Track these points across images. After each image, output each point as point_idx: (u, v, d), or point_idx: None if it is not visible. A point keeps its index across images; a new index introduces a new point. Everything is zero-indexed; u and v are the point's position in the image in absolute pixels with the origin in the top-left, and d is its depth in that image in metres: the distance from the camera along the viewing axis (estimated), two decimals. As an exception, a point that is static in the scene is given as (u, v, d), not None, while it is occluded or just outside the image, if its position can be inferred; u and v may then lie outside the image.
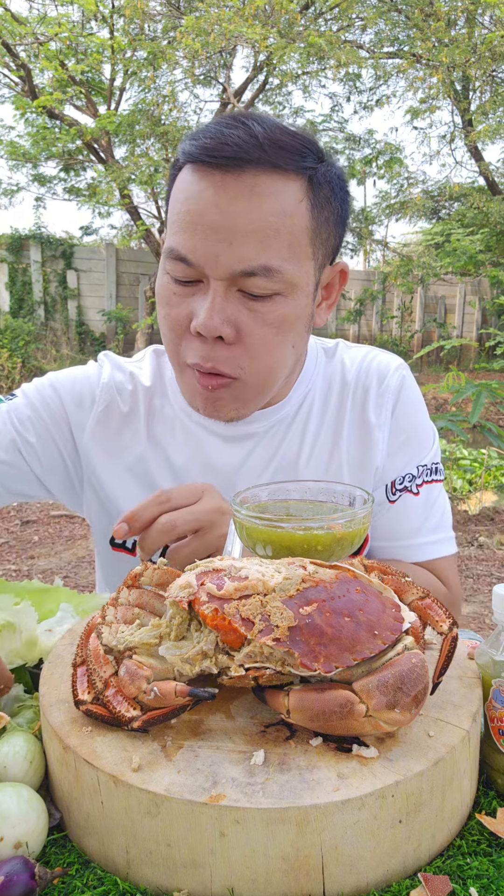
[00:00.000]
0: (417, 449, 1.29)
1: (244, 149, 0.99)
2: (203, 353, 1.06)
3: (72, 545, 4.94)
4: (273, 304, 1.05)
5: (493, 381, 5.20)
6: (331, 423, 1.27)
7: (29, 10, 12.11)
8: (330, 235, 1.10)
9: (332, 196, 1.08)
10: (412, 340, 15.14)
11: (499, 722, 0.75)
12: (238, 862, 0.61)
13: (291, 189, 1.02)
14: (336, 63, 9.50)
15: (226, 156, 0.99)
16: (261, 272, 1.01)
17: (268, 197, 1.00)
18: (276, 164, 1.00)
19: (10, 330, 11.85)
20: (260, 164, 1.00)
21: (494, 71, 10.24)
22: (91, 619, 0.81)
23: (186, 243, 1.02)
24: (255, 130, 1.00)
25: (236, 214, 0.99)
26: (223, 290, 1.03)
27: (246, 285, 1.02)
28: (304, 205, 1.04)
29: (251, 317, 1.04)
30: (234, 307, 1.04)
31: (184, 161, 1.05)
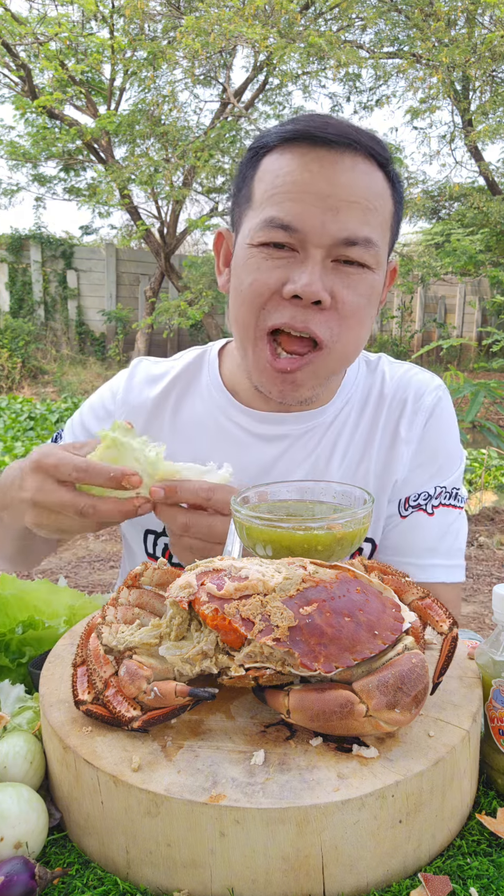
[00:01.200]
0: (439, 470, 1.29)
1: (346, 132, 1.07)
2: (296, 314, 1.08)
3: (72, 545, 4.94)
4: (364, 276, 1.10)
5: (491, 381, 5.19)
6: (363, 434, 1.29)
7: (29, 10, 12.10)
8: (395, 231, 1.18)
9: (400, 194, 1.17)
10: (412, 340, 15.14)
11: (499, 722, 0.75)
12: (238, 862, 0.61)
13: (380, 177, 1.11)
14: (336, 63, 9.50)
15: (332, 133, 1.06)
16: (362, 242, 1.07)
17: (367, 175, 1.08)
18: (369, 150, 1.09)
19: (10, 330, 11.86)
20: (358, 148, 1.08)
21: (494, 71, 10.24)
22: (91, 619, 0.81)
23: (292, 210, 1.06)
24: (345, 121, 1.11)
25: (342, 186, 1.06)
26: (321, 258, 1.07)
27: (345, 253, 1.08)
28: (388, 193, 1.12)
29: (345, 286, 1.09)
30: (331, 275, 1.09)
31: (276, 144, 1.10)
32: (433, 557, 1.28)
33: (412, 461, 1.27)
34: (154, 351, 12.73)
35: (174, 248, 12.25)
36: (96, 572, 4.44)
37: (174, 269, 12.17)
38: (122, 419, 1.31)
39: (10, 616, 1.05)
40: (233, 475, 1.04)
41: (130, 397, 1.34)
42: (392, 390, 1.30)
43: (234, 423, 1.28)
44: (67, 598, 1.11)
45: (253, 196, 1.13)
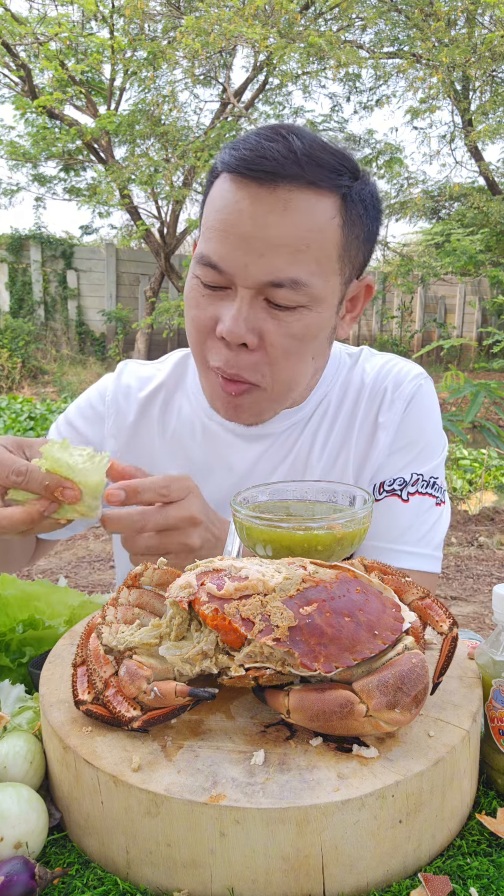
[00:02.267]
0: (417, 457, 1.28)
1: (281, 164, 1.01)
2: (227, 359, 1.08)
3: (72, 545, 4.94)
4: (297, 316, 1.07)
5: (491, 381, 5.20)
6: (343, 425, 1.30)
7: (29, 10, 12.11)
8: (359, 252, 1.13)
9: (364, 214, 1.10)
10: (412, 340, 15.15)
11: (499, 722, 0.75)
12: (238, 862, 0.61)
13: (324, 206, 1.04)
14: (336, 63, 9.50)
15: (263, 169, 1.01)
16: (288, 284, 1.03)
17: (301, 212, 1.03)
18: (311, 181, 1.03)
19: (10, 330, 11.86)
20: (295, 179, 1.02)
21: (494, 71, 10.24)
22: (91, 619, 0.81)
23: (218, 250, 1.04)
24: (295, 145, 1.02)
25: (268, 227, 1.02)
26: (249, 298, 1.05)
27: (272, 295, 1.05)
28: (335, 221, 1.06)
29: (275, 325, 1.07)
30: (260, 315, 1.06)
31: (221, 170, 1.08)
32: (403, 544, 1.26)
33: (390, 447, 1.27)
34: (154, 350, 12.72)
35: (174, 248, 12.26)
36: (96, 572, 4.44)
37: (174, 269, 12.17)
38: (110, 420, 1.34)
39: (10, 616, 1.05)
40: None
41: (119, 398, 1.35)
42: (371, 381, 1.30)
43: (219, 424, 1.29)
44: (67, 598, 1.11)
45: (202, 219, 1.12)
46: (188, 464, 1.29)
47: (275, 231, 1.02)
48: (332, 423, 1.30)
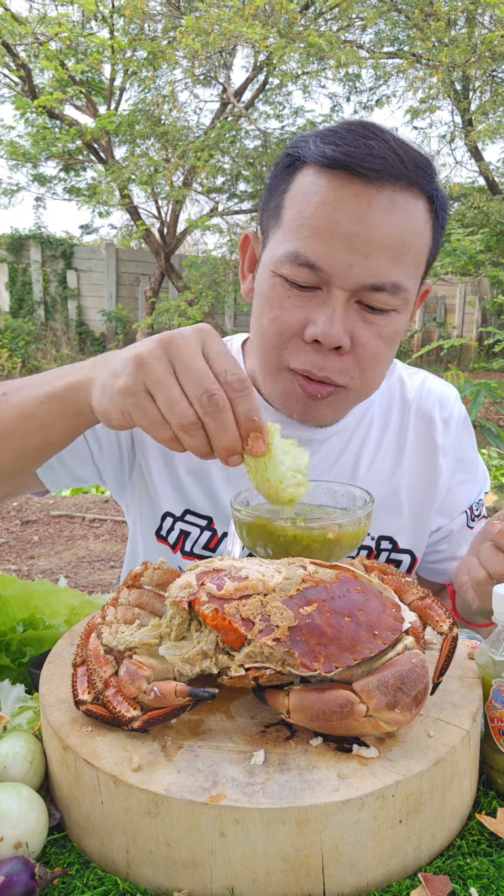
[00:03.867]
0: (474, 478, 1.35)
1: (391, 163, 0.99)
2: (316, 362, 1.05)
3: (72, 545, 4.94)
4: (389, 319, 1.06)
5: (492, 381, 5.20)
6: (393, 441, 1.29)
7: (29, 10, 12.10)
8: (433, 255, 1.12)
9: (444, 221, 1.11)
10: (412, 340, 15.13)
11: (499, 722, 0.75)
12: (238, 862, 0.61)
13: (420, 209, 1.04)
14: (336, 63, 9.49)
15: (372, 167, 0.98)
16: (389, 288, 1.02)
17: (405, 213, 1.01)
18: (413, 182, 1.01)
19: (10, 330, 11.86)
20: (400, 180, 1.00)
21: (494, 71, 10.23)
22: (91, 619, 0.81)
23: (318, 249, 1.00)
24: (394, 146, 1.01)
25: (375, 227, 0.99)
26: (345, 300, 1.02)
27: (369, 299, 1.03)
28: (429, 225, 1.06)
29: (367, 329, 1.05)
30: (353, 318, 1.04)
31: (312, 162, 1.03)
32: None
33: (454, 474, 1.31)
34: (154, 351, 12.67)
35: (174, 248, 12.25)
36: (96, 572, 4.44)
37: (174, 269, 12.16)
38: None
39: (10, 616, 1.05)
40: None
41: None
42: (416, 399, 1.31)
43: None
44: (67, 598, 1.11)
45: (282, 212, 1.07)
46: (223, 471, 1.24)
47: (381, 231, 0.99)
48: (381, 437, 1.29)
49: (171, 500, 1.27)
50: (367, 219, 0.99)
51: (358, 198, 0.99)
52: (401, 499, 1.29)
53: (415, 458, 1.29)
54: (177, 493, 1.27)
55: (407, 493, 1.29)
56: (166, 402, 0.77)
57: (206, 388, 0.76)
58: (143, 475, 1.30)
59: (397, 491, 1.28)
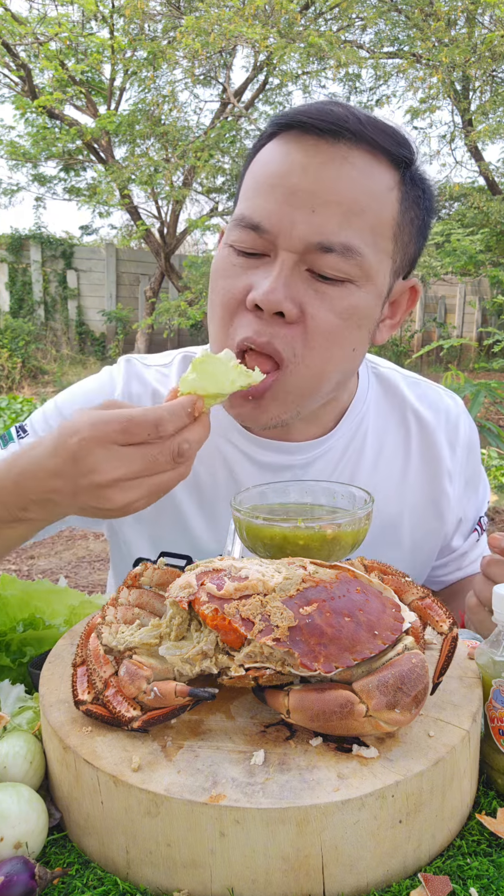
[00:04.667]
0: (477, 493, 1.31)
1: (344, 118, 0.92)
2: (258, 328, 0.94)
3: (72, 545, 4.94)
4: (344, 291, 0.94)
5: (492, 381, 5.20)
6: (392, 465, 1.19)
7: (29, 10, 12.10)
8: (411, 242, 1.02)
9: (420, 200, 1.01)
10: (412, 340, 15.14)
11: (499, 722, 0.75)
12: (238, 862, 0.61)
13: (384, 173, 0.95)
14: (336, 63, 9.49)
15: (328, 121, 0.92)
16: (339, 249, 0.91)
17: (360, 171, 0.93)
18: (373, 142, 0.93)
19: (10, 330, 11.86)
20: (358, 137, 0.92)
21: (494, 71, 10.23)
22: (91, 619, 0.81)
23: (261, 207, 0.93)
24: (355, 111, 0.95)
25: (323, 180, 0.91)
26: (292, 263, 0.93)
27: (319, 264, 0.93)
28: (394, 194, 0.96)
29: (318, 299, 0.94)
30: (301, 285, 0.94)
31: (273, 130, 0.98)
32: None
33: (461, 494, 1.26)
34: (154, 351, 12.69)
35: (174, 248, 12.25)
36: (96, 572, 4.44)
37: (174, 269, 12.17)
38: None
39: (10, 616, 1.05)
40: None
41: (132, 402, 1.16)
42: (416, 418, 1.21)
43: (234, 446, 1.15)
44: (67, 598, 1.11)
45: (241, 188, 1.02)
46: (196, 489, 1.17)
47: (330, 185, 0.91)
48: (376, 461, 1.18)
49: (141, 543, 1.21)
50: (314, 171, 0.91)
51: (307, 151, 0.92)
52: (402, 530, 1.21)
53: (418, 484, 1.20)
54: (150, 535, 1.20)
55: (409, 522, 1.21)
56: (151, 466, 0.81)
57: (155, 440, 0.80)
58: (112, 527, 1.24)
59: (398, 520, 1.20)
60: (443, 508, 1.23)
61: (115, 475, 0.80)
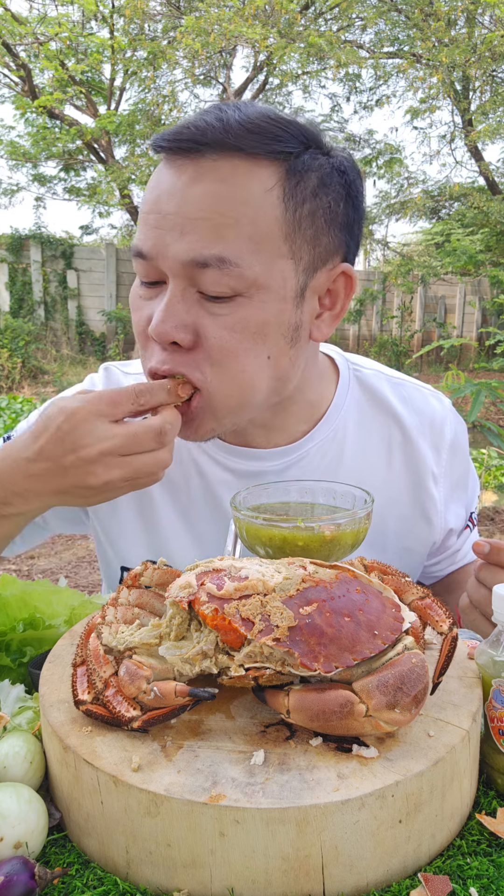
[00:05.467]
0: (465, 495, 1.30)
1: (203, 131, 0.91)
2: (163, 357, 0.95)
3: (72, 545, 4.94)
4: (233, 307, 0.93)
5: (492, 381, 5.19)
6: (374, 471, 1.18)
7: (29, 10, 12.11)
8: (320, 234, 0.97)
9: (320, 189, 0.96)
10: (412, 340, 15.15)
11: (499, 722, 0.75)
12: (238, 862, 0.61)
13: (259, 176, 0.91)
14: (336, 63, 9.50)
15: (183, 138, 0.91)
16: (214, 263, 0.90)
17: (225, 182, 0.91)
18: (239, 147, 0.91)
19: (10, 330, 11.86)
20: (221, 147, 0.91)
21: (494, 71, 10.23)
22: (91, 619, 0.81)
23: (143, 236, 0.94)
24: (227, 115, 0.92)
25: (188, 200, 0.91)
26: (180, 290, 0.93)
27: (201, 283, 0.92)
28: (274, 193, 0.92)
29: (210, 320, 0.93)
30: (193, 310, 0.93)
31: (153, 152, 0.99)
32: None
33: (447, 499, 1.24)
34: (154, 351, 12.70)
35: (174, 248, 12.25)
36: (96, 572, 4.44)
37: (174, 269, 12.16)
38: None
39: (10, 616, 1.05)
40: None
41: None
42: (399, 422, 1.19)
43: (209, 456, 1.16)
44: (67, 598, 1.11)
45: None
46: (173, 498, 1.18)
47: (195, 204, 0.90)
48: (358, 467, 1.17)
49: (124, 554, 1.22)
50: (179, 193, 0.91)
51: (174, 173, 0.93)
52: (388, 536, 1.20)
53: (403, 490, 1.19)
54: (131, 546, 1.22)
55: (396, 528, 1.20)
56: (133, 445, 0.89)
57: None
58: (95, 528, 1.26)
59: (383, 527, 1.18)
60: (430, 513, 1.21)
61: (101, 447, 0.87)
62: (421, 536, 1.23)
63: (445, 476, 1.22)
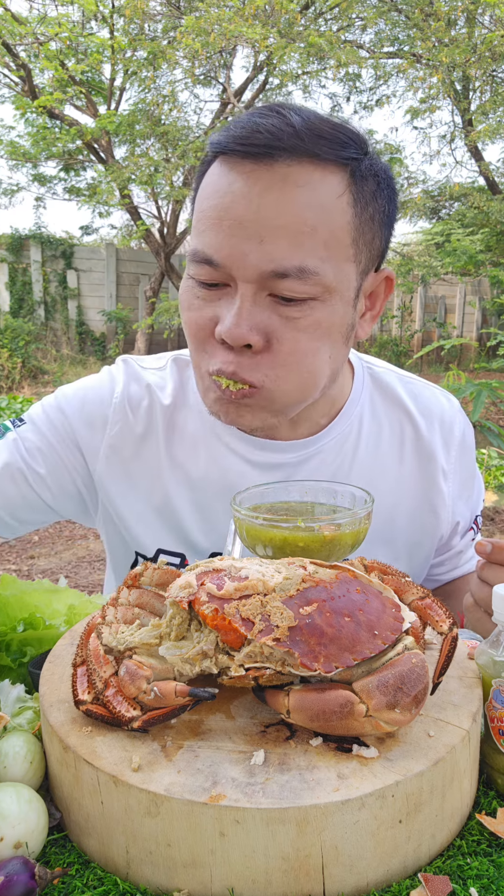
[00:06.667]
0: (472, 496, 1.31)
1: (277, 136, 0.90)
2: (227, 359, 0.96)
3: (72, 545, 4.94)
4: (307, 310, 0.95)
5: (493, 381, 5.19)
6: (386, 463, 1.20)
7: (29, 10, 12.11)
8: (375, 237, 1.01)
9: (377, 192, 0.99)
10: (412, 340, 15.14)
11: (499, 722, 0.75)
12: (238, 862, 0.61)
13: (330, 182, 0.93)
14: (336, 63, 9.49)
15: (256, 143, 0.90)
16: (294, 273, 0.91)
17: (303, 188, 0.91)
18: (312, 153, 0.91)
19: (10, 330, 11.86)
20: (295, 152, 0.91)
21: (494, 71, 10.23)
22: (91, 619, 0.81)
23: (212, 242, 0.93)
24: (292, 119, 0.92)
25: (267, 207, 0.90)
26: (252, 293, 0.93)
27: (277, 288, 0.93)
28: (344, 199, 0.94)
29: (282, 323, 0.95)
30: (264, 313, 0.94)
31: (212, 153, 0.97)
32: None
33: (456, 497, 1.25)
34: (154, 351, 12.71)
35: (174, 248, 12.25)
36: (96, 572, 4.44)
37: (174, 268, 12.17)
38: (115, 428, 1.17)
39: (10, 616, 1.05)
40: None
41: (127, 406, 1.19)
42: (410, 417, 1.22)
43: (228, 448, 1.16)
44: (67, 598, 1.11)
45: (193, 215, 1.01)
46: (188, 488, 1.18)
47: (274, 211, 0.90)
48: (372, 460, 1.18)
49: (140, 540, 1.22)
50: (256, 200, 0.90)
51: (247, 178, 0.91)
52: (398, 529, 1.22)
53: (413, 483, 1.21)
54: (146, 533, 1.21)
55: (405, 521, 1.22)
56: None
57: None
58: (109, 516, 1.24)
59: (394, 519, 1.21)
60: (438, 507, 1.23)
61: None
62: (429, 530, 1.25)
63: (455, 473, 1.24)
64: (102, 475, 1.20)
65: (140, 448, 1.19)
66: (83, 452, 1.19)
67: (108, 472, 1.19)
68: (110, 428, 1.19)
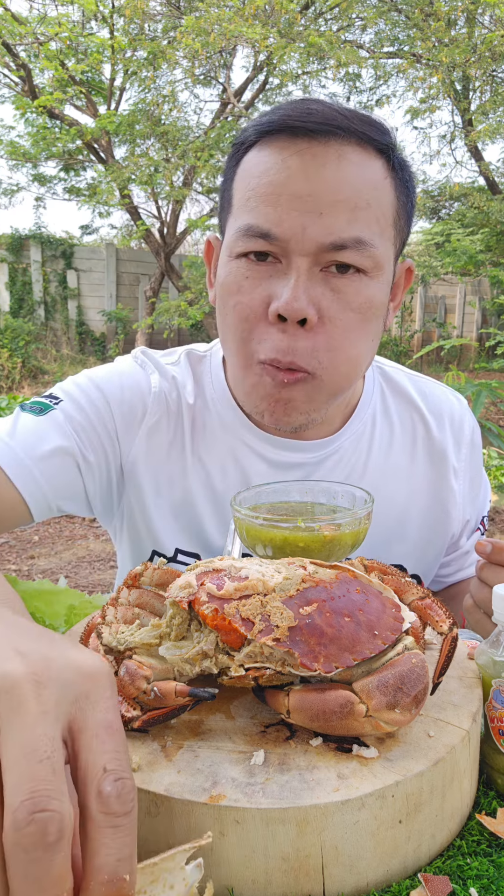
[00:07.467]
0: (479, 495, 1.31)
1: (330, 118, 0.94)
2: (282, 345, 0.95)
3: (72, 545, 4.94)
4: (359, 284, 0.97)
5: (493, 381, 5.20)
6: (399, 461, 1.21)
7: (29, 10, 12.11)
8: (405, 225, 1.05)
9: (408, 182, 1.04)
10: (412, 340, 15.15)
11: (499, 722, 0.75)
12: (238, 862, 0.61)
13: (376, 165, 0.97)
14: (336, 63, 9.49)
15: (315, 121, 0.93)
16: (352, 245, 0.94)
17: (357, 166, 0.95)
18: (361, 136, 0.95)
19: (10, 330, 11.86)
20: (347, 134, 0.94)
21: (494, 71, 10.23)
22: (91, 619, 0.81)
23: (269, 216, 0.94)
24: (336, 108, 0.97)
25: (325, 181, 0.93)
26: (307, 267, 0.94)
27: (334, 259, 0.95)
28: (388, 182, 0.99)
29: (335, 300, 0.96)
30: (318, 288, 0.96)
31: (256, 137, 0.98)
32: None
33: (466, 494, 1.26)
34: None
35: (174, 248, 12.26)
36: (96, 572, 4.44)
37: (174, 268, 12.17)
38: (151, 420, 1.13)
39: (10, 616, 1.05)
40: None
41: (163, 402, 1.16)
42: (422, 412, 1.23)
43: (248, 447, 1.16)
44: (67, 598, 1.11)
45: (233, 200, 1.02)
46: (209, 487, 1.17)
47: (333, 187, 0.93)
48: (385, 458, 1.19)
49: (159, 539, 1.21)
50: (314, 174, 0.93)
51: (303, 155, 0.93)
52: (410, 527, 1.23)
53: (425, 481, 1.22)
54: (166, 531, 1.20)
55: (417, 519, 1.23)
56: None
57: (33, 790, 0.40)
58: (132, 511, 1.20)
59: (406, 517, 1.22)
60: (449, 505, 1.24)
61: None
62: (441, 529, 1.25)
63: (465, 471, 1.25)
64: (135, 465, 1.16)
65: (170, 443, 1.17)
66: (119, 441, 1.15)
67: (143, 463, 1.15)
68: (149, 417, 1.15)
